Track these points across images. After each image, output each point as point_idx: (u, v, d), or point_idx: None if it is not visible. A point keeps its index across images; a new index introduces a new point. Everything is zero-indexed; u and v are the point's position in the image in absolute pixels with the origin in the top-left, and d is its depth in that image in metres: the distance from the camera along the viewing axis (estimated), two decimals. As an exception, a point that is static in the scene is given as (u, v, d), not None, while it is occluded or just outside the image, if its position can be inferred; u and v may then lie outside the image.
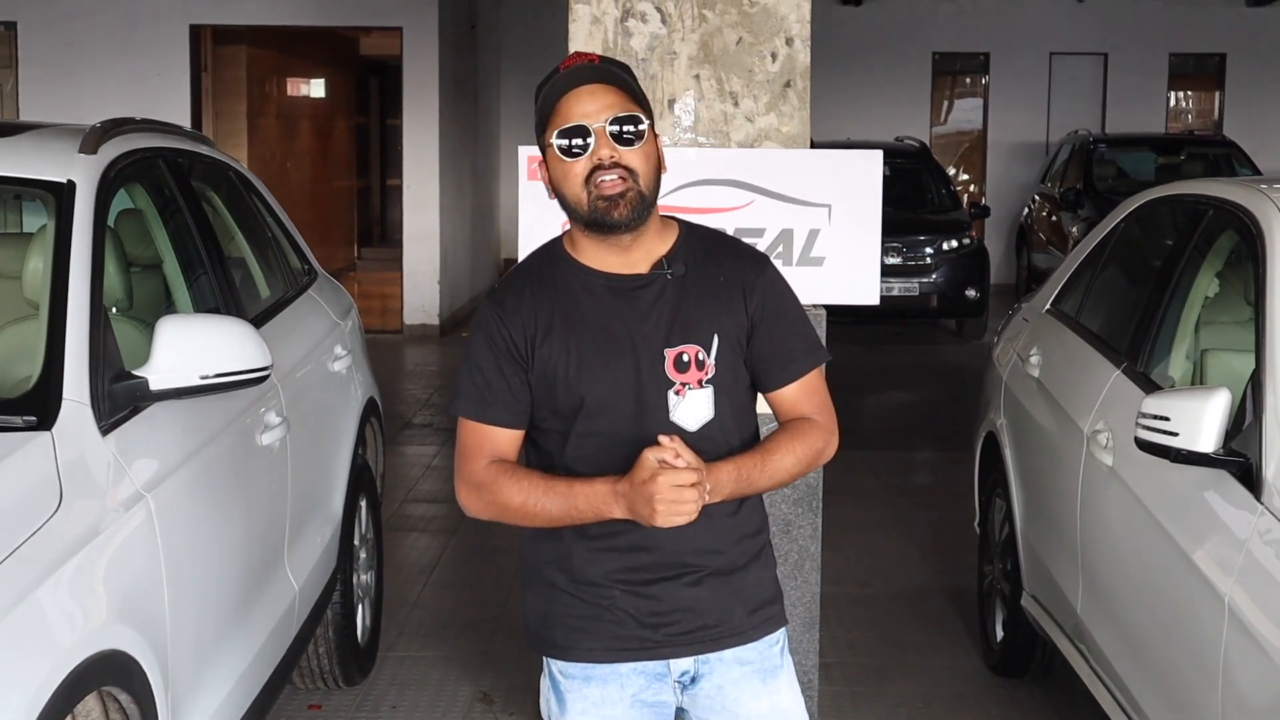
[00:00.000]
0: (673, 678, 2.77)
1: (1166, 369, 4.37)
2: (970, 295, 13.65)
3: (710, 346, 2.68)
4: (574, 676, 2.78)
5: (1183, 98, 19.85)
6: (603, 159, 2.61)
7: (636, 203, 2.63)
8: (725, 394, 2.70)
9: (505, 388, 2.70)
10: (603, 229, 2.65)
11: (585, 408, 2.66)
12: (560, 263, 2.75)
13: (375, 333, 12.00)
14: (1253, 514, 3.41)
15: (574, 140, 2.62)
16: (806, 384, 2.78)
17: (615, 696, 2.75)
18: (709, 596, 2.72)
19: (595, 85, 2.64)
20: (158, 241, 4.22)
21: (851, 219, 4.36)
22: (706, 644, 2.75)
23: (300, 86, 17.60)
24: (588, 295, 2.70)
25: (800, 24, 4.43)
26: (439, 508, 8.00)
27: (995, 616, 5.59)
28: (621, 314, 2.68)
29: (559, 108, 2.65)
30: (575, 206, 2.66)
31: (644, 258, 2.71)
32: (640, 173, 2.63)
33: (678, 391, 2.66)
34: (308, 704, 5.11)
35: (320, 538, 4.77)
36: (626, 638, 2.72)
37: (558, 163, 2.66)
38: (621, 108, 2.63)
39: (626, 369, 2.66)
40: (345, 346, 5.36)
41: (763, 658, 2.81)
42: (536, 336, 2.68)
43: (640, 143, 2.64)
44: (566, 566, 2.74)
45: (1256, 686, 3.24)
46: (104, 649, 2.88)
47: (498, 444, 2.71)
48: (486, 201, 17.19)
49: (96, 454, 3.14)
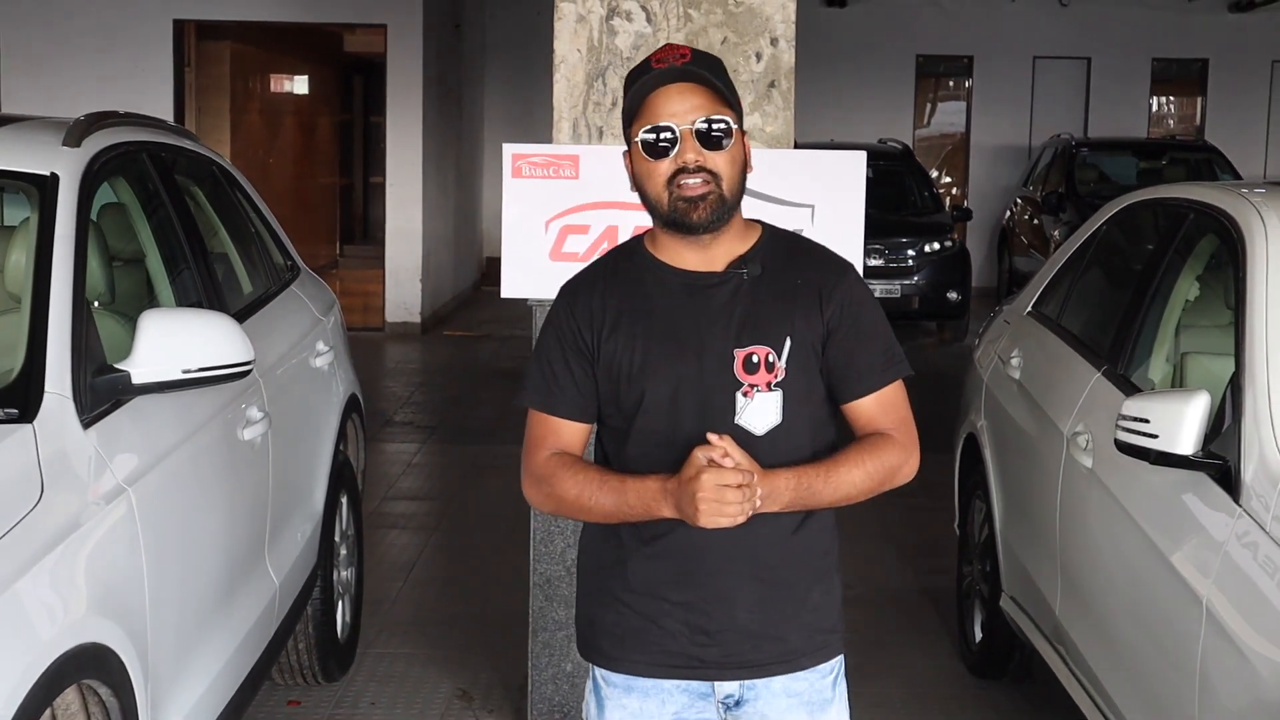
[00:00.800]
0: (717, 699, 2.70)
1: (1146, 372, 4.39)
2: (952, 298, 13.69)
3: (782, 349, 2.61)
4: (616, 685, 2.72)
5: (1165, 102, 19.92)
6: (687, 162, 2.58)
7: (717, 205, 2.60)
8: (795, 400, 2.63)
9: (571, 381, 2.67)
10: (681, 229, 2.62)
11: (645, 404, 2.62)
12: (636, 257, 2.71)
13: (357, 330, 11.98)
14: (1231, 516, 3.42)
15: (660, 140, 2.59)
16: (884, 398, 2.69)
17: (655, 712, 2.69)
18: (762, 619, 2.65)
19: (684, 84, 2.59)
20: (140, 236, 4.21)
21: (835, 219, 4.37)
22: (754, 669, 2.67)
23: (284, 83, 17.57)
24: (660, 291, 2.66)
25: (785, 24, 4.44)
26: (419, 505, 8.00)
27: (974, 617, 5.60)
28: (691, 312, 2.63)
29: (646, 104, 2.61)
30: (655, 205, 2.63)
31: (723, 257, 2.66)
32: (725, 176, 2.60)
33: (745, 393, 2.60)
34: (287, 700, 5.11)
35: (301, 534, 4.77)
36: (673, 654, 2.66)
37: (641, 160, 2.63)
38: (710, 109, 2.59)
39: (691, 367, 2.61)
40: (327, 342, 5.35)
41: (813, 689, 2.73)
42: (604, 330, 2.65)
43: (727, 145, 2.60)
44: (621, 573, 2.68)
45: (1233, 688, 3.26)
46: (84, 642, 2.88)
47: (562, 437, 2.68)
48: (469, 200, 17.18)
49: (78, 447, 3.14)
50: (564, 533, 4.55)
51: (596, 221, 4.39)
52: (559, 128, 4.50)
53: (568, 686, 4.60)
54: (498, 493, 8.01)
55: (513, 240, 4.45)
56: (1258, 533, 3.30)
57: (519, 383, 2.76)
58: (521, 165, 4.42)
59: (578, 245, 4.39)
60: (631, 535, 2.66)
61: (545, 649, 4.61)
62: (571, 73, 4.47)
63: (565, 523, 4.53)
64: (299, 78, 18.03)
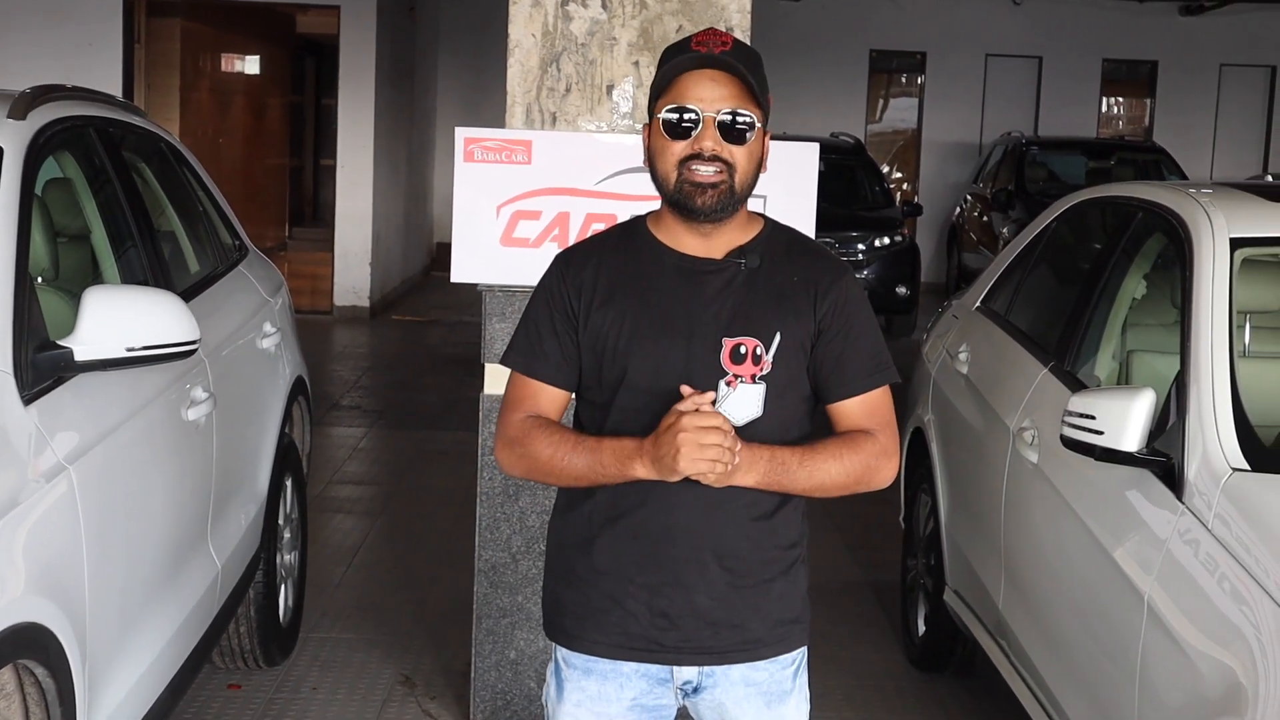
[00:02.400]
0: (675, 684, 2.71)
1: (1093, 369, 4.41)
2: (900, 293, 13.73)
3: (771, 343, 2.61)
4: (576, 667, 2.72)
5: (1114, 103, 20.07)
6: (704, 149, 2.58)
7: (725, 195, 2.60)
8: (778, 396, 2.62)
9: (556, 346, 2.67)
10: (683, 211, 2.62)
11: (627, 381, 2.62)
12: (638, 236, 2.72)
13: (305, 313, 11.92)
14: (1174, 514, 3.45)
15: (682, 121, 2.59)
16: (869, 401, 2.69)
17: (613, 695, 2.70)
18: (723, 606, 2.65)
19: (718, 72, 2.58)
20: (86, 211, 4.16)
21: (786, 211, 4.35)
22: (713, 656, 2.67)
23: (235, 62, 17.41)
24: (656, 271, 2.66)
25: (740, 14, 4.43)
26: (365, 489, 7.96)
27: (918, 611, 5.62)
28: (684, 296, 2.63)
29: (677, 83, 2.60)
30: (664, 182, 2.63)
31: (723, 245, 2.67)
32: (740, 169, 2.60)
33: (729, 383, 2.59)
34: (227, 683, 5.07)
35: (244, 516, 4.73)
36: (634, 635, 2.66)
37: (659, 136, 2.62)
38: (738, 101, 2.59)
39: (678, 350, 2.60)
40: (274, 324, 5.31)
41: (772, 679, 2.74)
42: (594, 300, 2.65)
43: (748, 140, 2.60)
44: (587, 552, 2.68)
45: (1172, 684, 3.28)
46: (20, 621, 2.84)
47: (540, 401, 2.68)
48: (421, 184, 17.11)
49: (18, 424, 3.10)
50: (510, 519, 4.53)
51: (548, 207, 4.37)
52: (512, 112, 4.48)
53: (511, 674, 4.59)
54: (444, 478, 7.98)
55: (463, 225, 4.43)
56: (1200, 530, 3.33)
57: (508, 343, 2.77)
58: (474, 149, 4.40)
59: (529, 231, 4.37)
60: (599, 515, 2.66)
61: (489, 636, 4.60)
62: (526, 57, 4.45)
63: (511, 509, 4.51)
64: (250, 57, 17.87)
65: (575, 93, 4.45)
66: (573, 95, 4.46)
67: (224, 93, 16.62)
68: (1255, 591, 3.06)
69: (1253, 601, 3.06)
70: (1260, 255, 4.06)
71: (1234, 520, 3.26)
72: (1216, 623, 3.16)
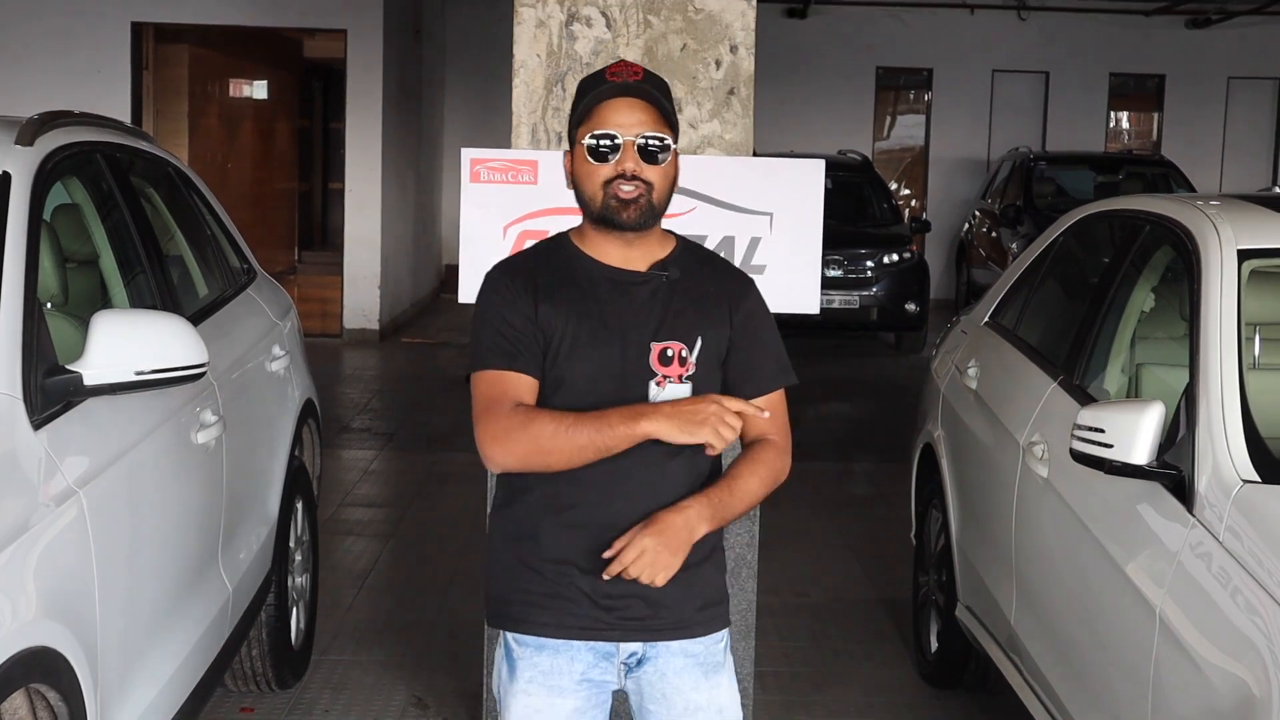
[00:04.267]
0: (620, 659, 2.93)
1: (1102, 382, 4.41)
2: (910, 309, 13.72)
3: (694, 346, 2.88)
4: (528, 645, 2.92)
5: (1122, 117, 20.08)
6: (625, 170, 2.84)
7: (645, 209, 2.86)
8: (701, 393, 2.86)
9: (531, 339, 2.86)
10: (610, 226, 2.87)
11: (566, 383, 2.84)
12: (565, 250, 2.96)
13: (315, 337, 11.94)
14: (1185, 526, 3.44)
15: (601, 146, 2.84)
16: (771, 400, 2.97)
17: (565, 669, 2.90)
18: (659, 590, 2.84)
19: (634, 100, 2.85)
20: (94, 237, 4.17)
21: (793, 228, 4.37)
22: (655, 632, 2.91)
23: (243, 87, 17.49)
24: (588, 282, 2.90)
25: (745, 32, 4.44)
26: (376, 511, 7.96)
27: (930, 627, 5.61)
28: (616, 304, 2.88)
29: (596, 111, 2.86)
30: (589, 202, 2.88)
31: (643, 257, 2.92)
32: (657, 187, 2.86)
33: (659, 383, 2.86)
34: (240, 707, 5.07)
35: (255, 539, 4.74)
36: (581, 616, 2.87)
37: (583, 161, 2.88)
38: (652, 126, 2.85)
39: (613, 354, 2.85)
40: (283, 347, 5.32)
41: (708, 652, 2.97)
42: (538, 303, 2.86)
43: (663, 161, 2.86)
44: (532, 542, 2.88)
45: (1185, 697, 3.27)
46: (32, 645, 2.84)
47: (521, 394, 2.84)
48: (429, 206, 17.14)
49: (28, 448, 3.10)
50: (520, 539, 4.53)
51: (555, 227, 4.34)
52: (518, 133, 4.49)
53: None
54: (454, 500, 7.98)
55: (470, 245, 4.44)
56: (1211, 543, 3.32)
57: (471, 355, 2.92)
58: (480, 170, 4.40)
59: (536, 251, 4.38)
60: (540, 506, 2.87)
61: (500, 656, 4.59)
62: (531, 78, 4.46)
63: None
64: (258, 82, 17.96)
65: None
66: (578, 115, 4.47)
67: (232, 117, 16.69)
68: (1267, 603, 3.05)
69: (1265, 613, 3.05)
70: (1268, 267, 4.05)
71: (1245, 532, 3.25)
72: (1229, 635, 3.15)
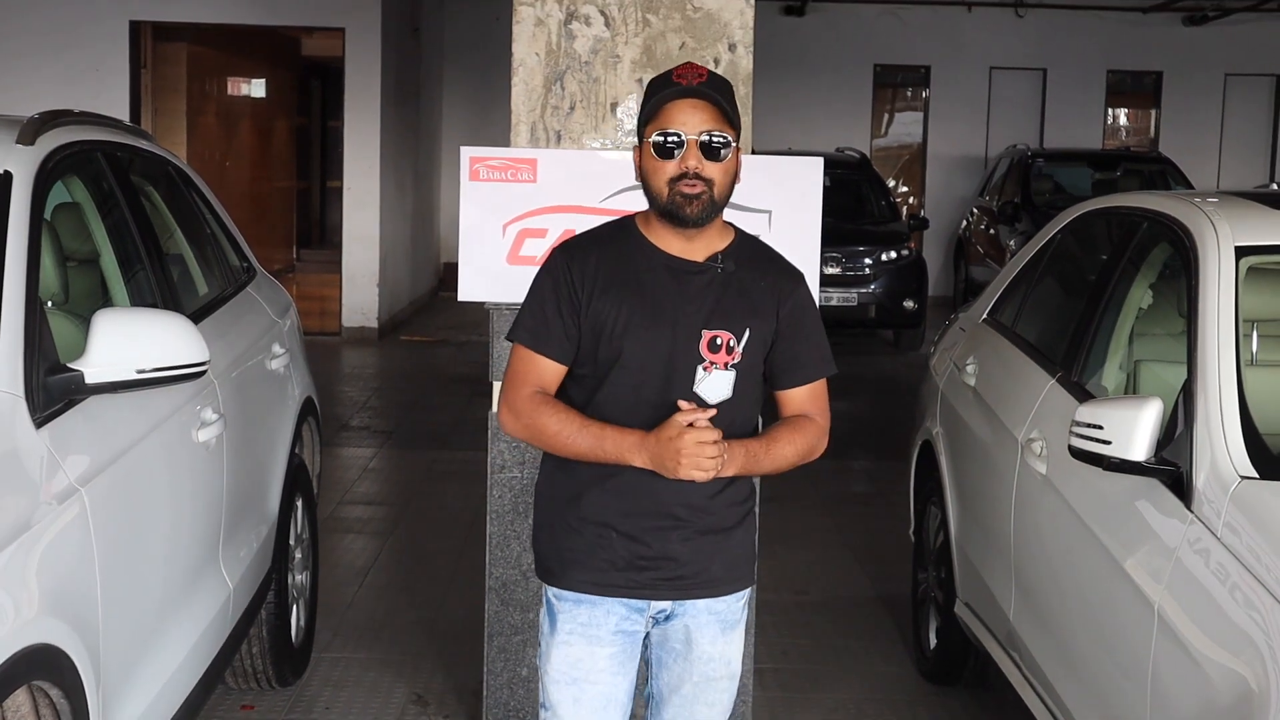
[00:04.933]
0: (649, 614, 3.18)
1: (1100, 379, 4.41)
2: (908, 307, 13.73)
3: (742, 337, 3.07)
4: (567, 600, 3.17)
5: (1120, 114, 20.08)
6: (689, 168, 3.01)
7: (708, 206, 3.04)
8: (744, 381, 3.09)
9: (560, 326, 3.08)
10: (675, 221, 3.05)
11: (621, 362, 3.05)
12: (630, 234, 3.15)
13: (314, 335, 11.94)
14: (1183, 523, 3.45)
15: (668, 143, 3.02)
16: (814, 389, 3.19)
17: (601, 620, 3.15)
18: (693, 550, 3.11)
19: (699, 101, 3.02)
20: (95, 235, 4.18)
21: (792, 226, 4.38)
22: (683, 591, 3.15)
23: (241, 86, 17.48)
24: (647, 268, 3.09)
25: (743, 30, 4.45)
26: (375, 509, 7.97)
27: (929, 624, 5.62)
28: (671, 291, 3.07)
29: (664, 111, 3.04)
30: (656, 196, 3.06)
31: (703, 248, 3.10)
32: (718, 184, 3.04)
33: (705, 368, 3.05)
34: (240, 704, 5.08)
35: (255, 537, 4.75)
36: (616, 574, 3.11)
37: (650, 157, 3.06)
38: (715, 126, 3.03)
39: (664, 338, 3.04)
40: (283, 345, 5.33)
41: (729, 610, 3.22)
42: (595, 290, 3.06)
43: (725, 157, 3.04)
44: (577, 504, 3.12)
45: (1184, 693, 3.28)
46: (35, 643, 2.85)
47: (544, 375, 3.10)
48: (427, 204, 17.14)
49: (30, 447, 3.11)
50: (520, 537, 4.54)
51: (554, 225, 4.38)
52: (517, 131, 4.50)
53: (523, 691, 4.59)
54: (454, 497, 7.99)
55: (470, 243, 4.45)
56: (1209, 539, 3.33)
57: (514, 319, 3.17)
58: (479, 168, 4.41)
59: (535, 249, 4.39)
60: (589, 472, 3.09)
61: (501, 654, 4.60)
62: (530, 76, 4.47)
63: (521, 526, 4.52)
64: (256, 80, 17.95)
65: (579, 110, 4.47)
66: (577, 113, 4.48)
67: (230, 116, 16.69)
68: (1265, 599, 3.06)
69: (1263, 609, 3.06)
70: (1266, 263, 4.06)
71: (1243, 528, 3.26)
72: (1227, 631, 3.16)
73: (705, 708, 3.27)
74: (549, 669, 3.20)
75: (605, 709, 3.18)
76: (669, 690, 3.27)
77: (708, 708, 3.27)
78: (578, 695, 3.17)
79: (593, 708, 3.17)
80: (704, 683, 3.24)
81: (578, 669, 3.16)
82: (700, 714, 3.27)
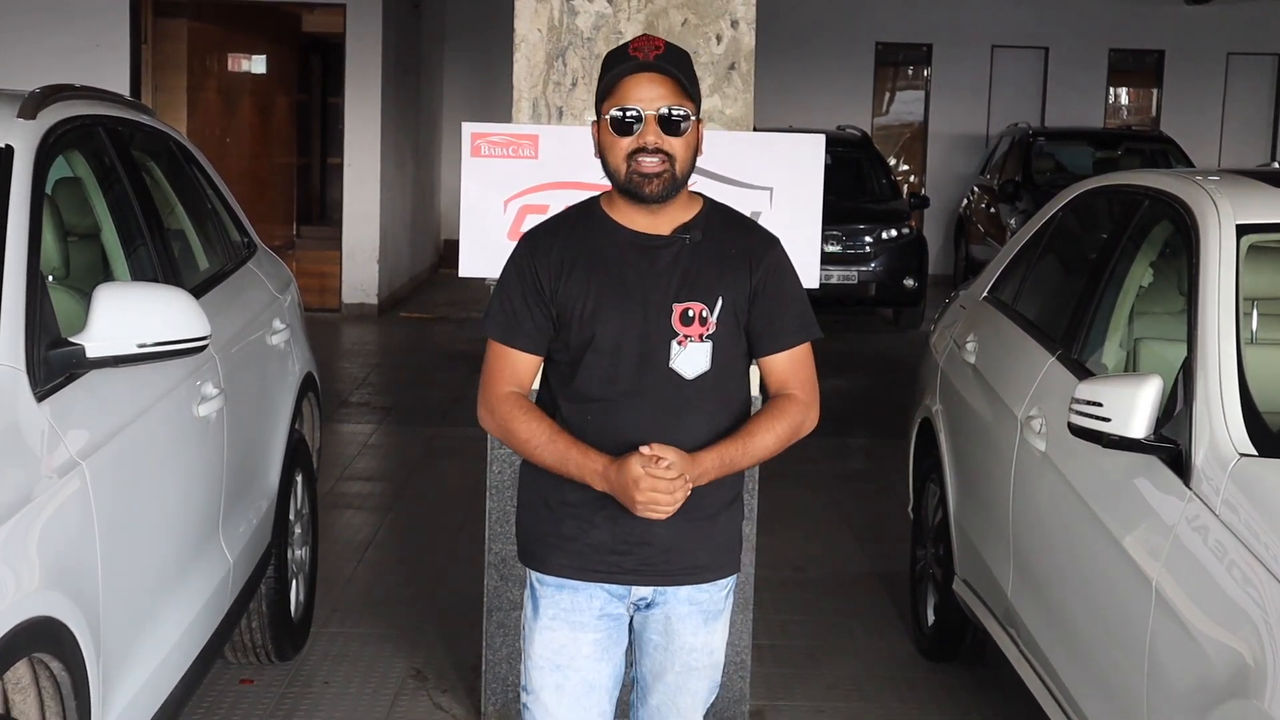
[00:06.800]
0: (630, 600, 3.15)
1: (1100, 357, 4.42)
2: (908, 285, 13.73)
3: (714, 306, 3.00)
4: (549, 584, 3.13)
5: (1121, 93, 20.05)
6: (647, 143, 2.95)
7: (669, 183, 2.98)
8: (722, 351, 3.02)
9: (529, 317, 3.04)
10: (635, 198, 2.99)
11: (594, 344, 3.00)
12: (594, 215, 3.09)
13: (314, 311, 11.94)
14: (1181, 500, 3.46)
15: (626, 118, 2.95)
16: (795, 355, 3.09)
17: (583, 605, 3.11)
18: (677, 536, 3.05)
19: (655, 75, 2.95)
20: (96, 210, 4.18)
21: (793, 203, 4.39)
22: (666, 577, 3.10)
23: (241, 62, 17.42)
24: (612, 247, 3.03)
25: (746, 7, 4.45)
26: (375, 485, 7.98)
27: (927, 601, 5.64)
28: (639, 268, 3.01)
29: (619, 86, 2.97)
30: (614, 173, 3.01)
31: (668, 222, 3.04)
32: (678, 158, 2.98)
33: (680, 342, 3.00)
34: (240, 678, 5.09)
35: (255, 511, 4.76)
36: (598, 560, 3.07)
37: (608, 134, 3.00)
38: (673, 99, 2.96)
39: (635, 316, 2.99)
40: (284, 320, 5.33)
41: (711, 600, 3.18)
42: (560, 276, 3.02)
43: (684, 131, 2.97)
44: (560, 490, 3.05)
45: (1181, 669, 3.30)
46: (35, 615, 2.86)
47: (518, 368, 3.07)
48: (428, 181, 17.13)
49: (31, 421, 3.12)
50: (520, 512, 4.54)
51: (555, 201, 4.38)
52: (519, 107, 4.50)
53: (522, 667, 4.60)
54: (453, 473, 8.00)
55: (471, 219, 4.45)
56: (1207, 516, 3.34)
57: (483, 313, 3.13)
58: (481, 144, 4.41)
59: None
60: None
61: (500, 629, 4.61)
62: (532, 52, 4.47)
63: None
64: (257, 57, 17.88)
65: (581, 87, 4.47)
66: (579, 89, 4.48)
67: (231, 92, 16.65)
68: (1263, 576, 3.07)
69: (1260, 586, 3.07)
70: (1266, 241, 4.06)
71: (1241, 506, 3.27)
72: (1224, 607, 3.17)
73: (689, 696, 3.27)
74: (532, 653, 3.16)
75: (588, 694, 3.14)
76: (653, 677, 3.26)
77: (691, 696, 3.27)
78: (560, 682, 3.14)
79: (576, 695, 3.14)
80: (686, 672, 3.23)
81: (561, 655, 3.13)
82: (684, 703, 3.27)
